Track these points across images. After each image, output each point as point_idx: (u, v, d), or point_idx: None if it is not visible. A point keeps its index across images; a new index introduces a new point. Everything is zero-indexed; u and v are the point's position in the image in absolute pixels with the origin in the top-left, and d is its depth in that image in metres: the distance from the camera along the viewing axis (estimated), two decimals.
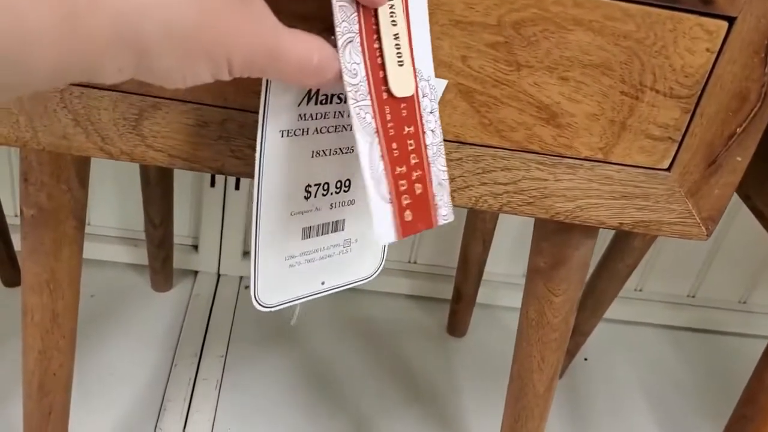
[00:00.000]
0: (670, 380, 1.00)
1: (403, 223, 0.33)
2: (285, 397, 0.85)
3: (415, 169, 0.33)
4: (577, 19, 0.35)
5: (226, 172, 0.39)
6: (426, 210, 0.34)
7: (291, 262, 0.38)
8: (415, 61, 0.32)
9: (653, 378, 1.00)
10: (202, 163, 0.39)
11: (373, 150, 0.31)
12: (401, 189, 0.32)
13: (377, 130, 0.31)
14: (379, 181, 0.32)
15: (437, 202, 0.34)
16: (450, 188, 0.35)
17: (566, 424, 0.89)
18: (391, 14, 0.30)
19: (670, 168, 0.41)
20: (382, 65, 0.31)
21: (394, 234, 0.33)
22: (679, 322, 1.10)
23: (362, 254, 0.41)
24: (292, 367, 0.89)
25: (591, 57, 0.37)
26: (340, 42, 0.29)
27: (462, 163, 0.40)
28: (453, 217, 0.35)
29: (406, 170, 0.32)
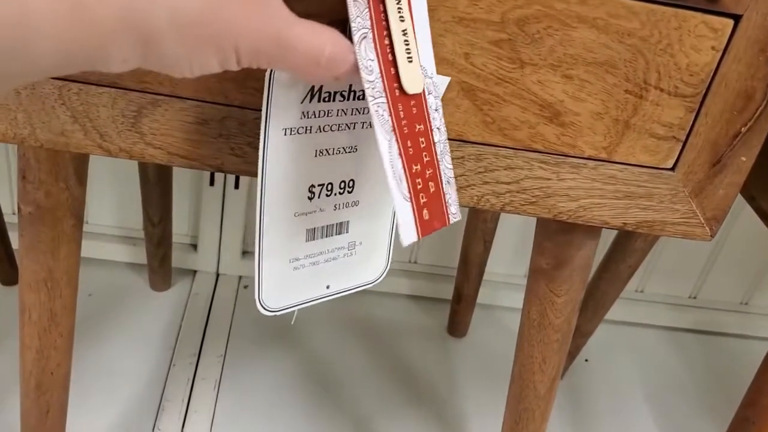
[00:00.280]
0: (671, 382, 1.00)
1: (422, 222, 0.32)
2: (284, 397, 0.85)
3: (427, 167, 0.32)
4: (581, 16, 0.35)
5: (226, 171, 0.38)
6: (440, 208, 0.33)
7: (295, 264, 0.37)
8: (420, 58, 0.32)
9: (655, 380, 0.99)
10: (202, 161, 0.38)
11: (392, 148, 0.31)
12: (418, 187, 0.32)
13: (393, 127, 0.31)
14: (400, 180, 0.31)
15: (448, 200, 0.34)
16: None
17: (567, 425, 0.89)
18: (398, 9, 0.30)
19: (674, 167, 0.41)
20: (393, 62, 0.30)
21: (416, 234, 0.32)
22: (681, 323, 1.09)
23: (367, 257, 0.40)
24: (291, 367, 0.89)
25: (595, 55, 0.36)
26: (355, 37, 0.29)
27: (464, 161, 0.39)
28: (460, 216, 0.35)
29: (420, 168, 0.32)
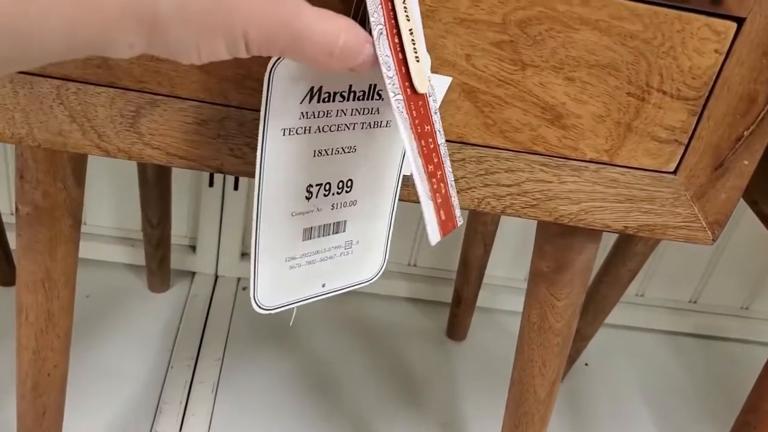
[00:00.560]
0: (671, 386, 0.99)
1: (441, 222, 0.32)
2: (282, 400, 0.84)
3: (438, 168, 0.32)
4: (583, 18, 0.35)
5: (225, 171, 0.38)
6: (450, 209, 0.33)
7: (291, 263, 0.37)
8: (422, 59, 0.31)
9: (655, 384, 0.99)
10: (201, 162, 0.38)
11: (413, 147, 0.30)
12: (434, 187, 0.31)
13: (412, 125, 0.30)
14: (422, 179, 0.30)
15: (453, 203, 0.33)
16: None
17: (567, 429, 0.89)
18: (404, 8, 0.29)
19: (676, 171, 0.40)
20: (403, 60, 0.30)
21: (439, 233, 0.31)
22: (681, 327, 1.09)
23: (364, 256, 0.40)
24: (289, 370, 0.89)
25: (597, 57, 0.36)
26: (375, 32, 0.28)
27: (465, 164, 0.39)
28: (462, 219, 0.34)
29: (433, 168, 0.31)
